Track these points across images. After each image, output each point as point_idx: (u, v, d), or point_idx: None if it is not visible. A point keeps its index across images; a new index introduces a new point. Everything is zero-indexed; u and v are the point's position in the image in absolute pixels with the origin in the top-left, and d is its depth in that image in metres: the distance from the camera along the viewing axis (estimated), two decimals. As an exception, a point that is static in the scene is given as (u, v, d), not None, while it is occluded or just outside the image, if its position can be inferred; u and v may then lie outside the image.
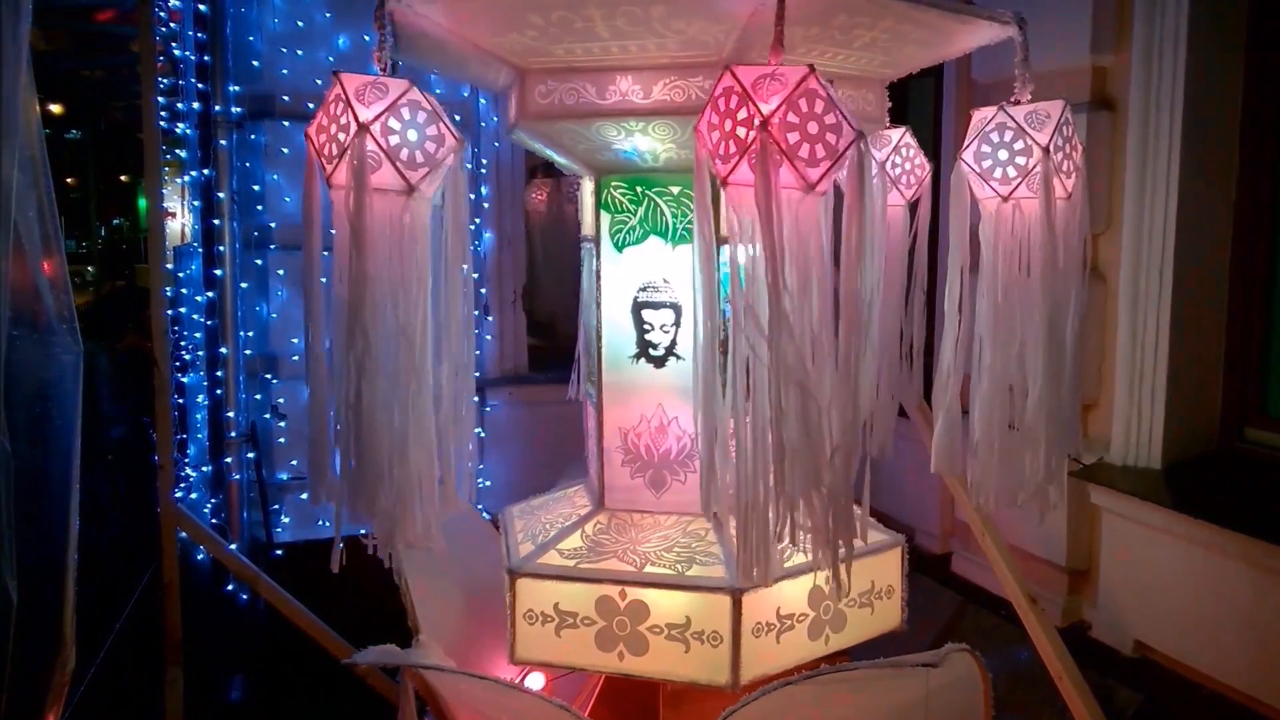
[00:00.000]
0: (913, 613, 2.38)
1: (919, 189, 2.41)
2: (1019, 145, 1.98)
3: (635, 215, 2.28)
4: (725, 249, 1.86)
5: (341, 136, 1.76)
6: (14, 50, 2.27)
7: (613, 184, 2.29)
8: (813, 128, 1.53)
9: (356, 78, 1.80)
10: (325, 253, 1.84)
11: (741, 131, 1.54)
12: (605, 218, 2.31)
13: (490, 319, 6.29)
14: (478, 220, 6.00)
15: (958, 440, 2.08)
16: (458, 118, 5.89)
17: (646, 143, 2.09)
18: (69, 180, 14.79)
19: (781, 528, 1.62)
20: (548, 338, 7.55)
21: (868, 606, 2.19)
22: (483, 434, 6.01)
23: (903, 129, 2.39)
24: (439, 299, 1.90)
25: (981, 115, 2.02)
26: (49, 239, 2.45)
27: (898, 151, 2.40)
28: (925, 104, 5.11)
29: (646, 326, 2.27)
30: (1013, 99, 2.01)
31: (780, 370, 1.56)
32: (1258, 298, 3.65)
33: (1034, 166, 1.94)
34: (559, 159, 2.31)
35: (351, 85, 1.79)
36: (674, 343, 2.24)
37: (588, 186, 2.33)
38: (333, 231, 1.83)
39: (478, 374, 2.38)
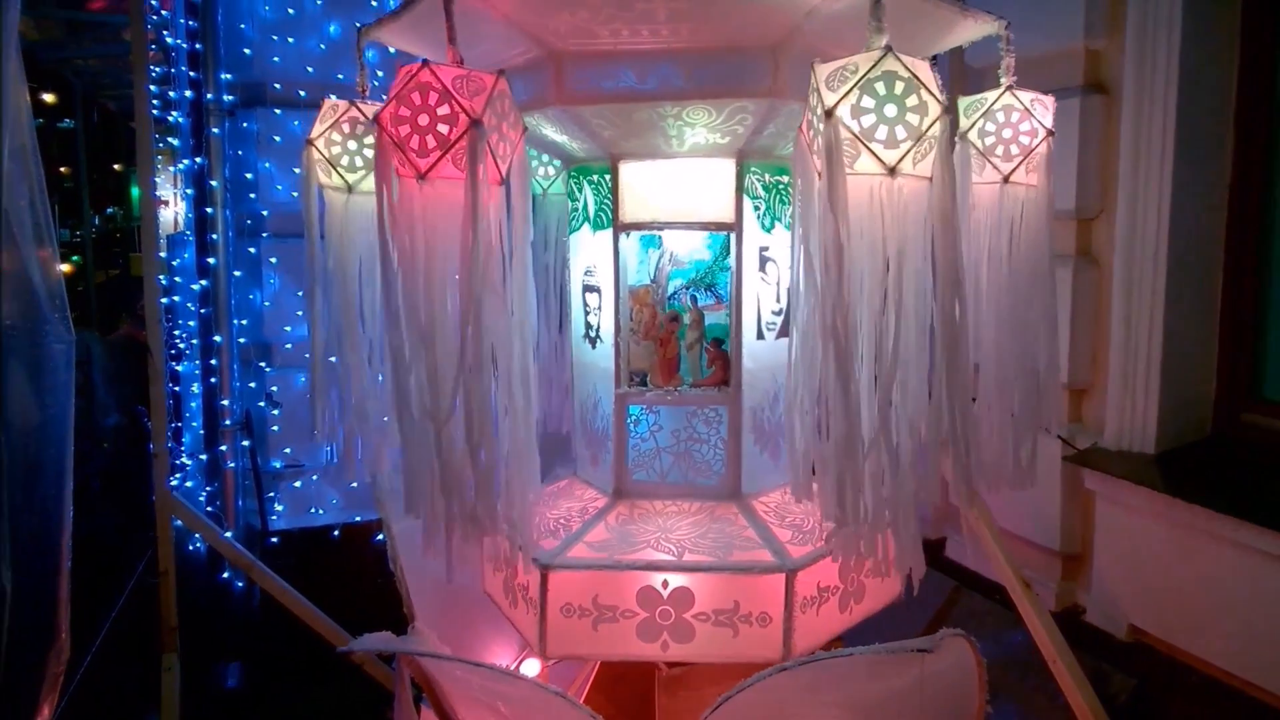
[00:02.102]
0: (906, 598, 2.39)
1: (1023, 159, 2.07)
2: (813, 101, 1.66)
3: (579, 202, 2.36)
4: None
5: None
6: (4, 39, 2.26)
7: (570, 173, 2.38)
8: (423, 120, 1.61)
9: (328, 103, 2.16)
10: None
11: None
12: (567, 205, 2.42)
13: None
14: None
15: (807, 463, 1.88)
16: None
17: (552, 133, 2.21)
18: (61, 169, 14.74)
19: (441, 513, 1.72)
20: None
21: (727, 627, 2.08)
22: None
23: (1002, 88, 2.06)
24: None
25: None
26: (40, 228, 2.45)
27: (991, 118, 2.07)
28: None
29: (588, 308, 2.34)
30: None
31: (393, 355, 1.69)
32: (1251, 282, 3.65)
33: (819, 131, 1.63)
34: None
35: (323, 108, 2.15)
36: (600, 324, 2.30)
37: None
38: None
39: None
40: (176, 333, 6.16)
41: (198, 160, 5.41)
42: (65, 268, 14.52)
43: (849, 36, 1.81)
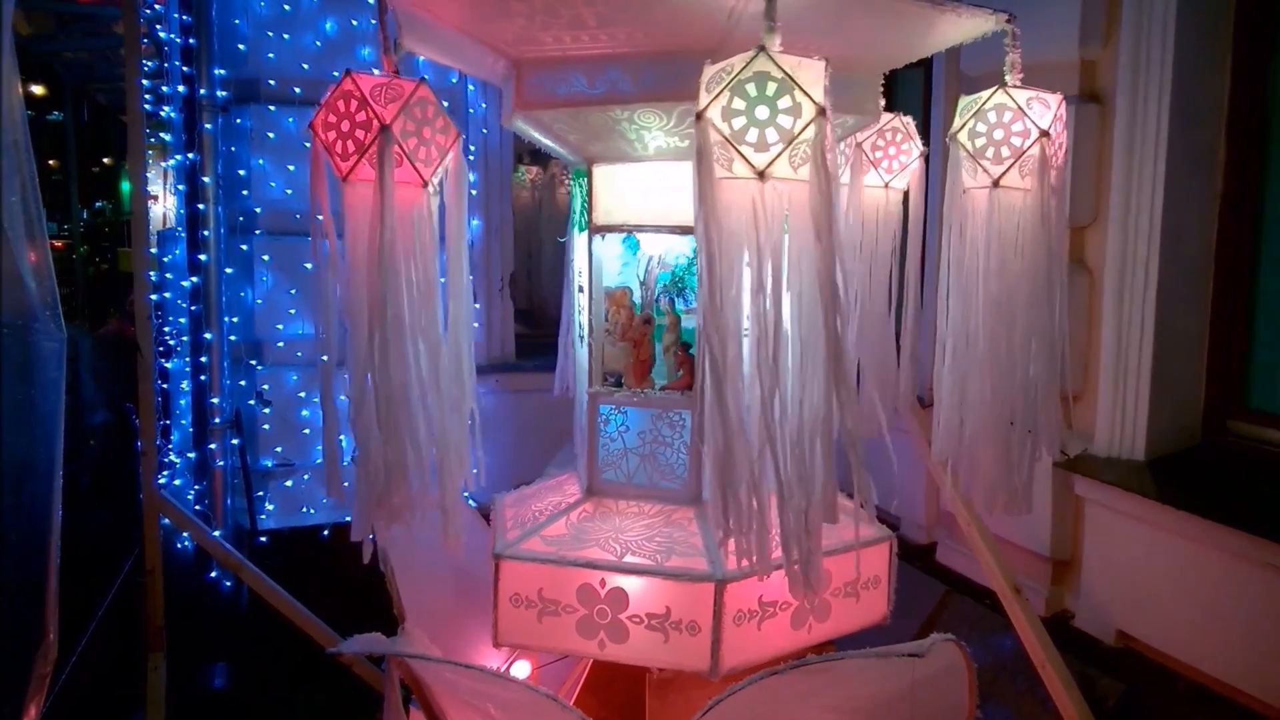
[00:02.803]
0: (898, 602, 2.38)
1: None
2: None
3: (576, 203, 2.39)
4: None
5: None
6: (-2, 32, 2.24)
7: (571, 175, 2.41)
8: (345, 125, 1.77)
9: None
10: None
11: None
12: (572, 206, 2.43)
13: (477, 306, 6.27)
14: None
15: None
16: (445, 103, 5.90)
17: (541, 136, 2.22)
18: (50, 163, 14.68)
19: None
20: (535, 325, 7.53)
21: (659, 631, 2.07)
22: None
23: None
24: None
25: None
26: (32, 224, 2.43)
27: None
28: (915, 95, 5.11)
29: (579, 308, 2.37)
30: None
31: (322, 348, 1.85)
32: (1242, 291, 3.67)
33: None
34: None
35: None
36: (585, 324, 2.32)
37: None
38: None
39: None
40: (166, 330, 6.14)
41: (190, 156, 5.39)
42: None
43: (786, 38, 1.81)
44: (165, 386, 6.09)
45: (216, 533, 4.77)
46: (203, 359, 5.44)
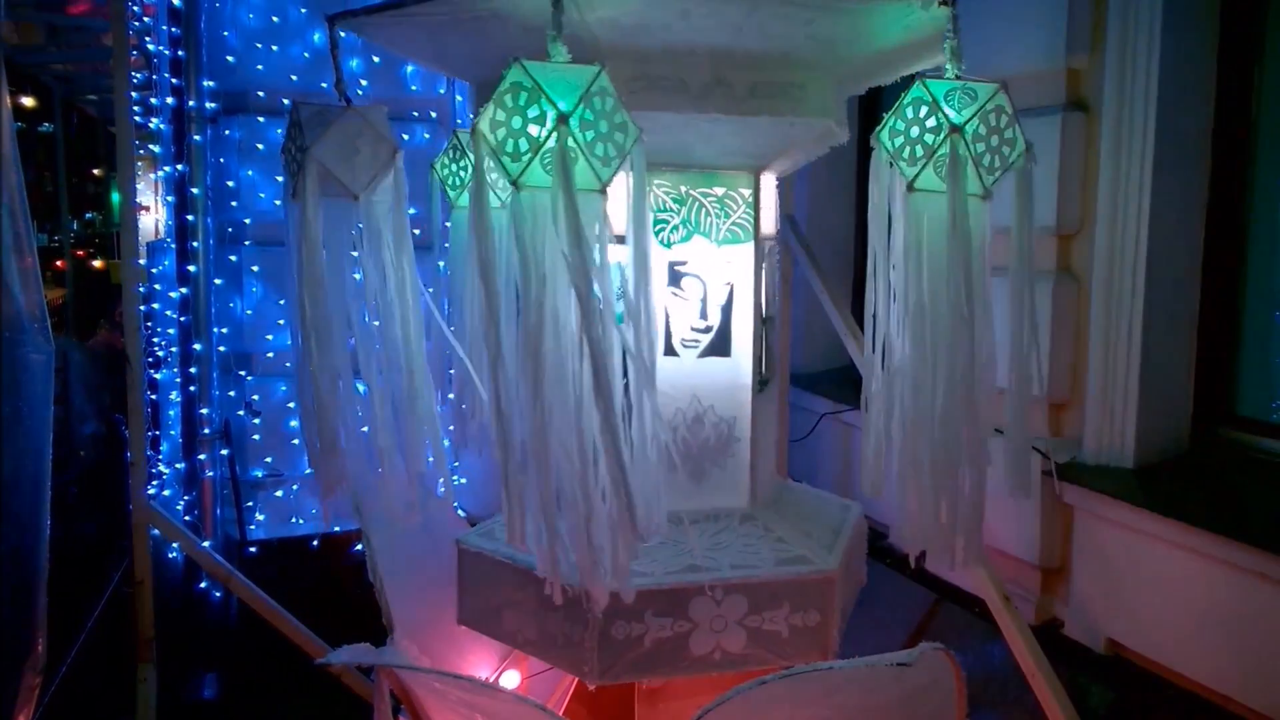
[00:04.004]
0: (887, 611, 2.39)
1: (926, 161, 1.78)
2: None
3: None
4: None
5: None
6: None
7: None
8: (292, 149, 1.97)
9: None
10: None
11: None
12: None
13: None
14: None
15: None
16: (433, 114, 5.90)
17: None
18: (43, 174, 14.64)
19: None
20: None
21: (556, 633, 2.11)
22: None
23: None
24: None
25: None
26: (19, 236, 2.43)
27: (900, 115, 1.80)
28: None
29: None
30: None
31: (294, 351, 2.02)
32: (1229, 298, 3.69)
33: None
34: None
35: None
36: None
37: None
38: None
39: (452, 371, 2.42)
40: (156, 340, 6.12)
41: (179, 167, 5.39)
42: (98, 263, 14.55)
43: (683, 38, 1.81)
44: (154, 397, 6.07)
45: (206, 543, 4.76)
46: (192, 370, 5.43)
